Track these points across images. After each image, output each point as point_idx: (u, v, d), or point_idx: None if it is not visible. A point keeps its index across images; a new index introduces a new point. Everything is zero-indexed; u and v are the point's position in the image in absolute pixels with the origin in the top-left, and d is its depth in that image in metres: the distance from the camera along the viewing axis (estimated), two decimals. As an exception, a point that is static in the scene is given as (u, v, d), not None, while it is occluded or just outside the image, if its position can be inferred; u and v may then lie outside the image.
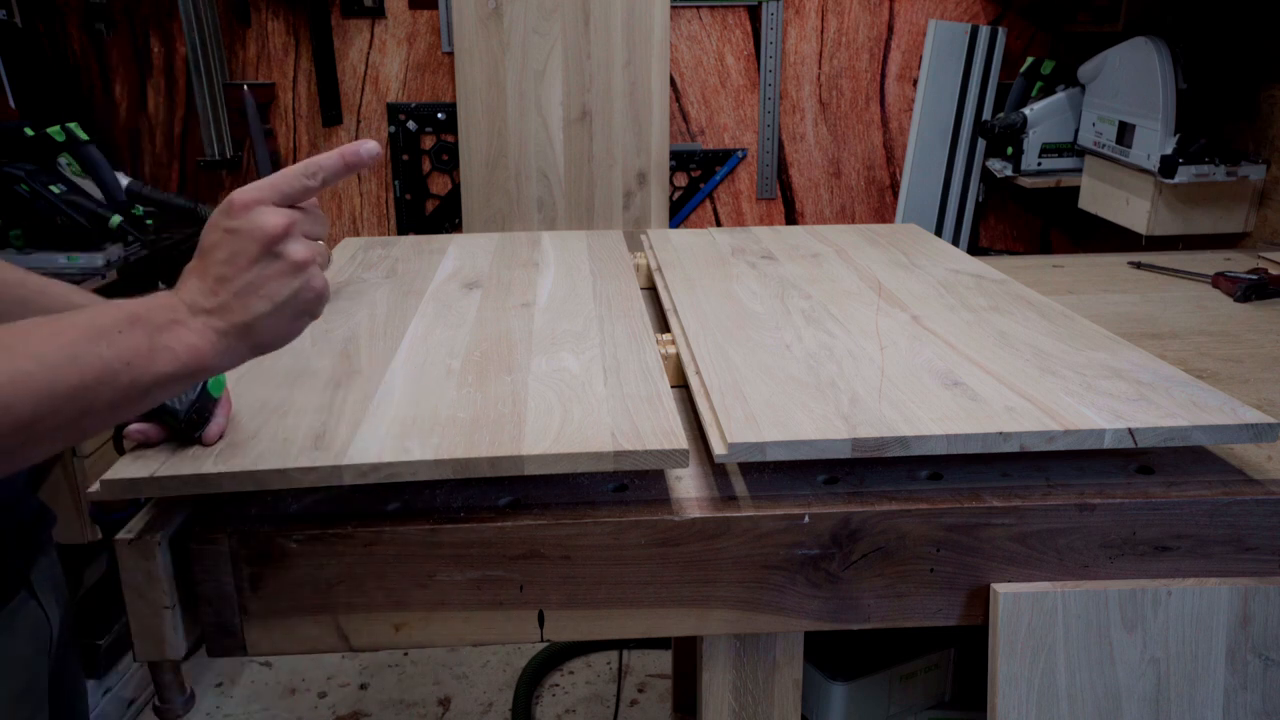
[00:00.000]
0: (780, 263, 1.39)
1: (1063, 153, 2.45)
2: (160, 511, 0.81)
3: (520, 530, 0.81)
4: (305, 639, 0.83)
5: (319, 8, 2.55)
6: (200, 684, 2.19)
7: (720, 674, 0.91)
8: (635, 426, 0.84)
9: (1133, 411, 0.87)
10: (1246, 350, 1.21)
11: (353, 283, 1.31)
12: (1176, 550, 0.86)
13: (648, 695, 2.19)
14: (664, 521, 0.82)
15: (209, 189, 2.75)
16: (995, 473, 0.89)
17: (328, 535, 0.80)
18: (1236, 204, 2.07)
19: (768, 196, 2.79)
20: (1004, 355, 1.02)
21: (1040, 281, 1.43)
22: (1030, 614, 0.85)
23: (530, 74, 2.56)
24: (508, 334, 1.09)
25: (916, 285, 1.27)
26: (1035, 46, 2.68)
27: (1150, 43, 2.04)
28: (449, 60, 2.64)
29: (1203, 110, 2.12)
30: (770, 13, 2.62)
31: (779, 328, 1.11)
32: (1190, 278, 1.51)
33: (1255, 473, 0.89)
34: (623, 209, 2.65)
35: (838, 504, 0.84)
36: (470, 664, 2.28)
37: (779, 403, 0.89)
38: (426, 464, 0.79)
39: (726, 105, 2.71)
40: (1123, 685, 0.87)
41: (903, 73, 2.71)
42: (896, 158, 2.78)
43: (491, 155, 2.61)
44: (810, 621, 0.86)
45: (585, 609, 0.84)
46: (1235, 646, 0.87)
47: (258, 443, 0.82)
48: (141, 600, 0.78)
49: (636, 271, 1.38)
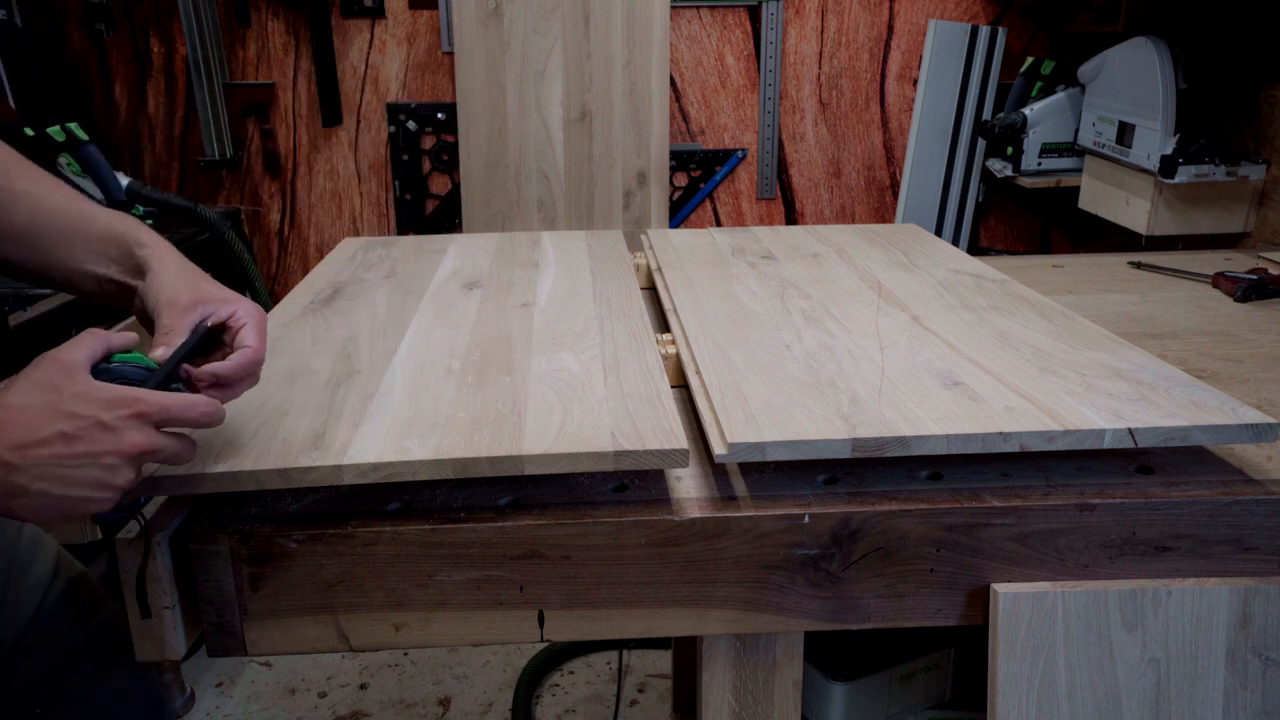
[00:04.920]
0: (780, 263, 1.39)
1: (1063, 153, 2.45)
2: (160, 511, 0.81)
3: (520, 530, 0.81)
4: (305, 639, 0.83)
5: (319, 8, 2.55)
6: (200, 684, 2.19)
7: (720, 674, 0.91)
8: (635, 426, 0.84)
9: (1133, 411, 0.87)
10: (1246, 350, 1.21)
11: (353, 283, 1.31)
12: (1176, 550, 0.86)
13: (648, 695, 2.19)
14: (664, 521, 0.82)
15: (209, 189, 2.75)
16: (995, 473, 0.89)
17: (328, 535, 0.80)
18: (1236, 204, 2.07)
19: (768, 196, 2.79)
20: (1004, 355, 1.02)
21: (1040, 281, 1.43)
22: (1030, 614, 0.85)
23: (530, 74, 2.56)
24: (508, 334, 1.09)
25: (916, 285, 1.27)
26: (1035, 46, 2.68)
27: (1150, 43, 2.04)
28: (449, 60, 2.64)
29: (1203, 110, 2.12)
30: (770, 13, 2.62)
31: (779, 328, 1.11)
32: (1190, 278, 1.51)
33: (1255, 473, 0.89)
34: (623, 209, 2.65)
35: (838, 504, 0.84)
36: (470, 664, 2.28)
37: (779, 403, 0.89)
38: (426, 464, 0.79)
39: (726, 105, 2.72)
40: (1123, 685, 0.87)
41: (903, 73, 2.71)
42: (896, 158, 2.78)
43: (491, 155, 2.61)
44: (810, 621, 0.86)
45: (585, 609, 0.84)
46: (1235, 646, 0.87)
47: (258, 443, 0.82)
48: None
49: (636, 271, 1.38)
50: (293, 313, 1.18)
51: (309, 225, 2.79)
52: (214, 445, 0.81)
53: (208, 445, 0.81)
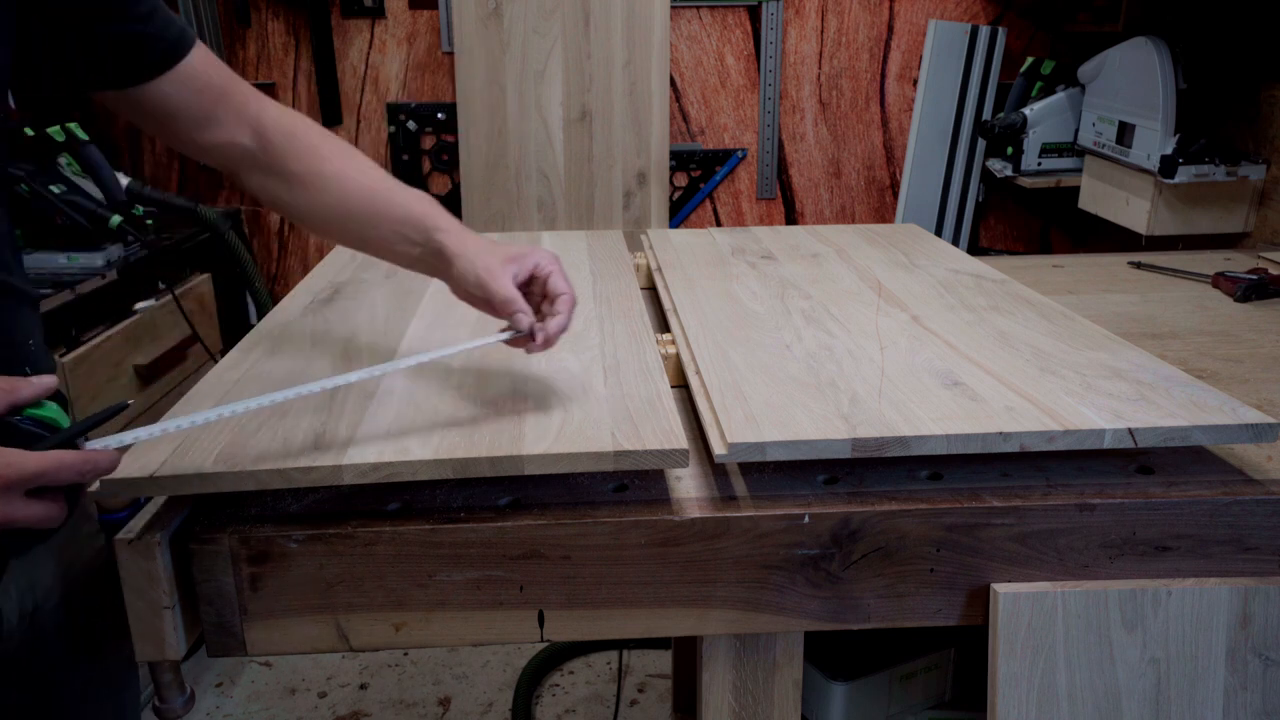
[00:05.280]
0: (780, 263, 1.39)
1: (1063, 153, 2.45)
2: (160, 511, 0.81)
3: (520, 530, 0.81)
4: (305, 639, 0.83)
5: (319, 8, 2.55)
6: (200, 684, 2.19)
7: (720, 674, 0.91)
8: (635, 426, 0.84)
9: (1133, 411, 0.87)
10: (1246, 350, 1.21)
11: (352, 283, 1.31)
12: (1176, 550, 0.86)
13: (648, 695, 2.19)
14: (664, 521, 0.82)
15: (209, 189, 2.75)
16: (995, 473, 0.89)
17: (328, 535, 0.80)
18: (1236, 204, 2.07)
19: (768, 196, 2.79)
20: (1004, 355, 1.02)
21: (1040, 281, 1.43)
22: (1030, 614, 0.85)
23: (530, 74, 2.56)
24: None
25: (916, 285, 1.27)
26: (1035, 46, 2.68)
27: (1150, 43, 2.04)
28: (449, 60, 2.64)
29: (1203, 110, 2.12)
30: (770, 13, 2.62)
31: (779, 328, 1.11)
32: (1190, 278, 1.51)
33: (1255, 473, 0.89)
34: (623, 209, 2.65)
35: (838, 504, 0.84)
36: (470, 664, 2.28)
37: (779, 403, 0.89)
38: (426, 464, 0.79)
39: (726, 105, 2.72)
40: (1123, 685, 0.87)
41: (903, 73, 2.71)
42: (896, 158, 2.78)
43: (491, 155, 2.61)
44: (810, 621, 0.86)
45: (585, 609, 0.84)
46: (1235, 646, 0.87)
47: (258, 443, 0.82)
48: (141, 600, 0.78)
49: (636, 271, 1.38)
50: (293, 313, 1.18)
51: (309, 225, 2.79)
52: (214, 445, 0.81)
53: (208, 445, 0.81)
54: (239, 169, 0.95)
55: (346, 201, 0.93)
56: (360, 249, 0.98)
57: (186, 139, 0.94)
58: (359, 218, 0.93)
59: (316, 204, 0.94)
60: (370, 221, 0.93)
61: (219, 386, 0.95)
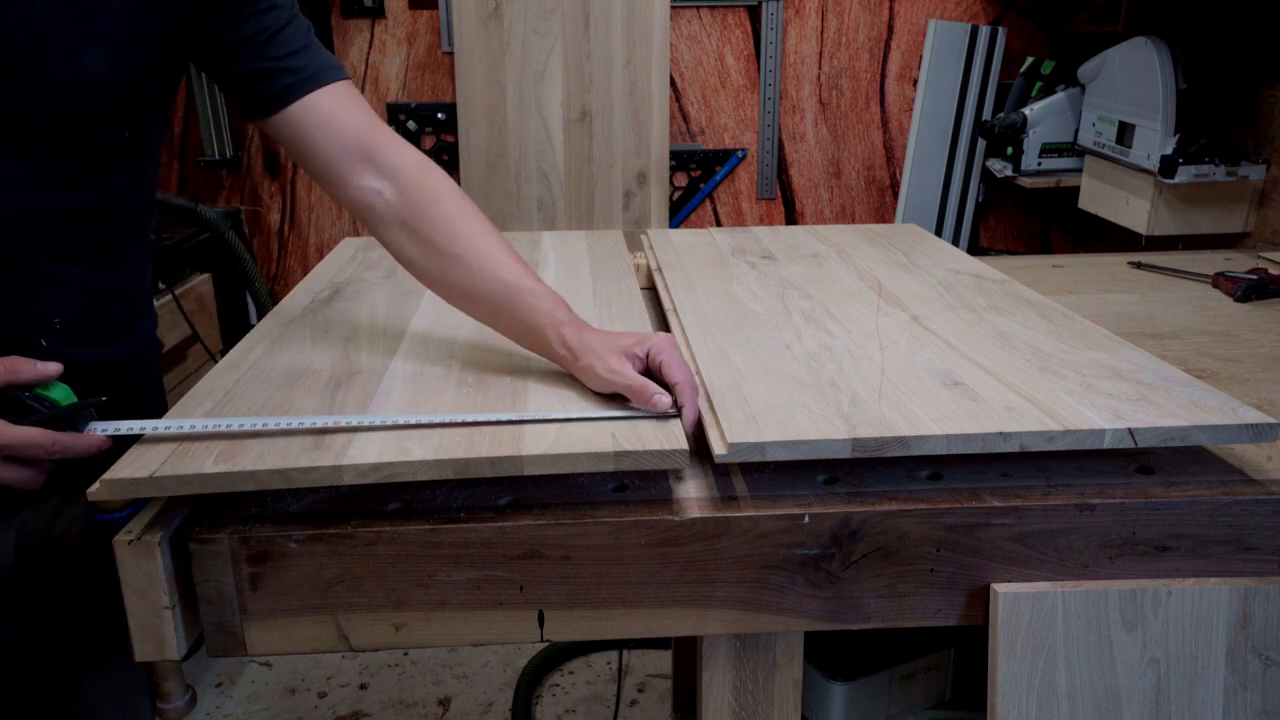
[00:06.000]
0: (780, 263, 1.39)
1: (1063, 153, 2.45)
2: (160, 511, 0.81)
3: (520, 530, 0.81)
4: (305, 639, 0.83)
5: (319, 8, 2.55)
6: (200, 684, 2.19)
7: (720, 674, 0.91)
8: (635, 427, 0.84)
9: (1133, 411, 0.87)
10: (1246, 350, 1.21)
11: (352, 283, 1.31)
12: (1176, 550, 0.86)
13: (648, 695, 2.19)
14: (664, 521, 0.82)
15: (209, 189, 2.75)
16: (995, 473, 0.89)
17: (328, 535, 0.80)
18: (1236, 204, 2.07)
19: (768, 196, 2.79)
20: (1004, 355, 1.02)
21: (1040, 281, 1.43)
22: (1030, 614, 0.85)
23: (530, 74, 2.56)
24: (508, 334, 1.09)
25: (916, 285, 1.27)
26: (1035, 46, 2.68)
27: (1150, 43, 2.04)
28: (449, 60, 2.64)
29: (1203, 110, 2.12)
30: (770, 13, 2.62)
31: (779, 328, 1.11)
32: (1190, 278, 1.51)
33: (1255, 473, 0.89)
34: (623, 209, 2.66)
35: (838, 504, 0.84)
36: (470, 664, 2.28)
37: (779, 403, 0.89)
38: (426, 464, 0.79)
39: (726, 105, 2.72)
40: (1123, 685, 0.87)
41: (903, 73, 2.71)
42: (896, 158, 2.78)
43: (491, 155, 2.61)
44: (810, 621, 0.86)
45: (585, 609, 0.84)
46: (1235, 646, 0.87)
47: (258, 443, 0.82)
48: (141, 600, 0.78)
49: (636, 271, 1.38)
50: (293, 313, 1.18)
51: (309, 225, 2.79)
52: (214, 445, 0.81)
53: (208, 445, 0.81)
54: (374, 219, 0.99)
55: (475, 290, 0.97)
56: (486, 325, 1.01)
57: (323, 179, 0.99)
58: (479, 302, 0.97)
59: (449, 279, 0.98)
60: (496, 314, 0.97)
61: (220, 386, 0.95)
